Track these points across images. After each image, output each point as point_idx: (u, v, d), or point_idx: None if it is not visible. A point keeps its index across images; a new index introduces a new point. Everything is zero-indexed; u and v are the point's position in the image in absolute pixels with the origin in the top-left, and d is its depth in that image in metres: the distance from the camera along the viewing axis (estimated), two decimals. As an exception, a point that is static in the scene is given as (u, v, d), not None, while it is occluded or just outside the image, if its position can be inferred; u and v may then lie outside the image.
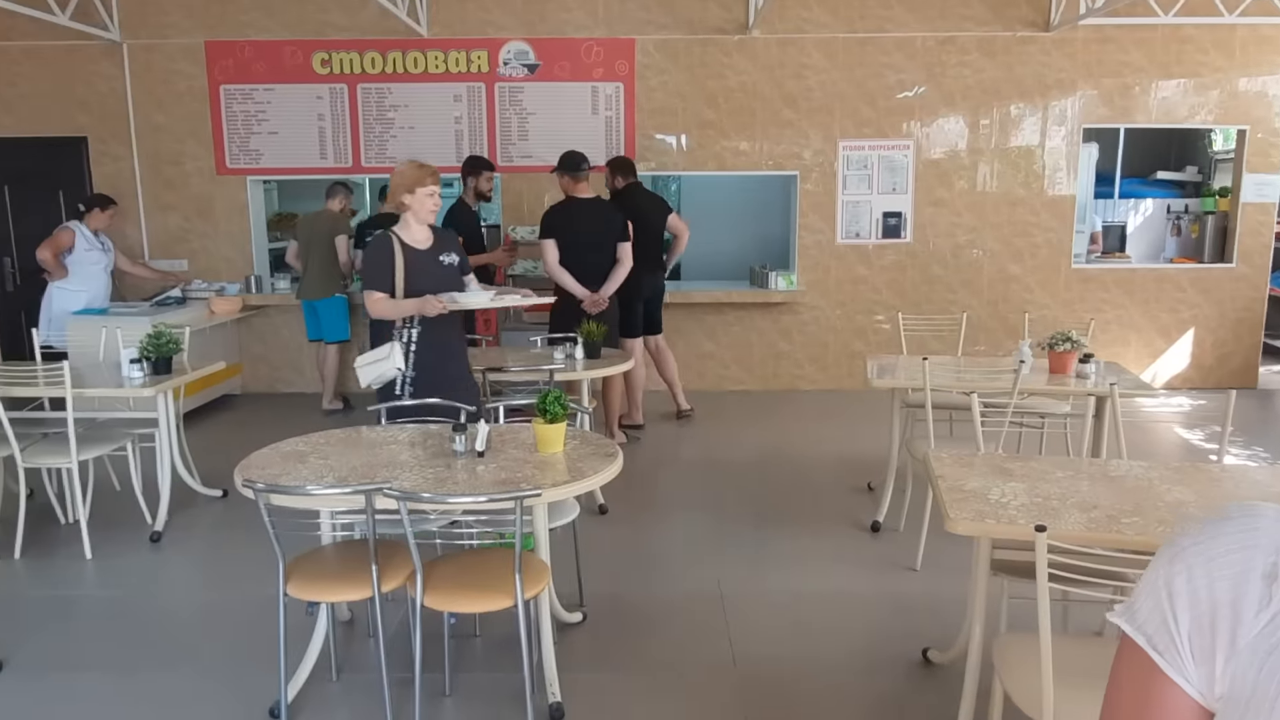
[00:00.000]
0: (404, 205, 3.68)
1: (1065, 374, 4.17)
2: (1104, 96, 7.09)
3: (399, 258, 3.64)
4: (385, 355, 3.61)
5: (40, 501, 4.64)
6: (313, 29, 7.02)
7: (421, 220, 3.71)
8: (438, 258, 3.76)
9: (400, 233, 3.69)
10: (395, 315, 3.66)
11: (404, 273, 3.63)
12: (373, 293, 3.65)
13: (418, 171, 3.66)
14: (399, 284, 3.64)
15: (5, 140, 7.18)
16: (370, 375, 3.67)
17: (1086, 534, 2.29)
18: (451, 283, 3.77)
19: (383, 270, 3.63)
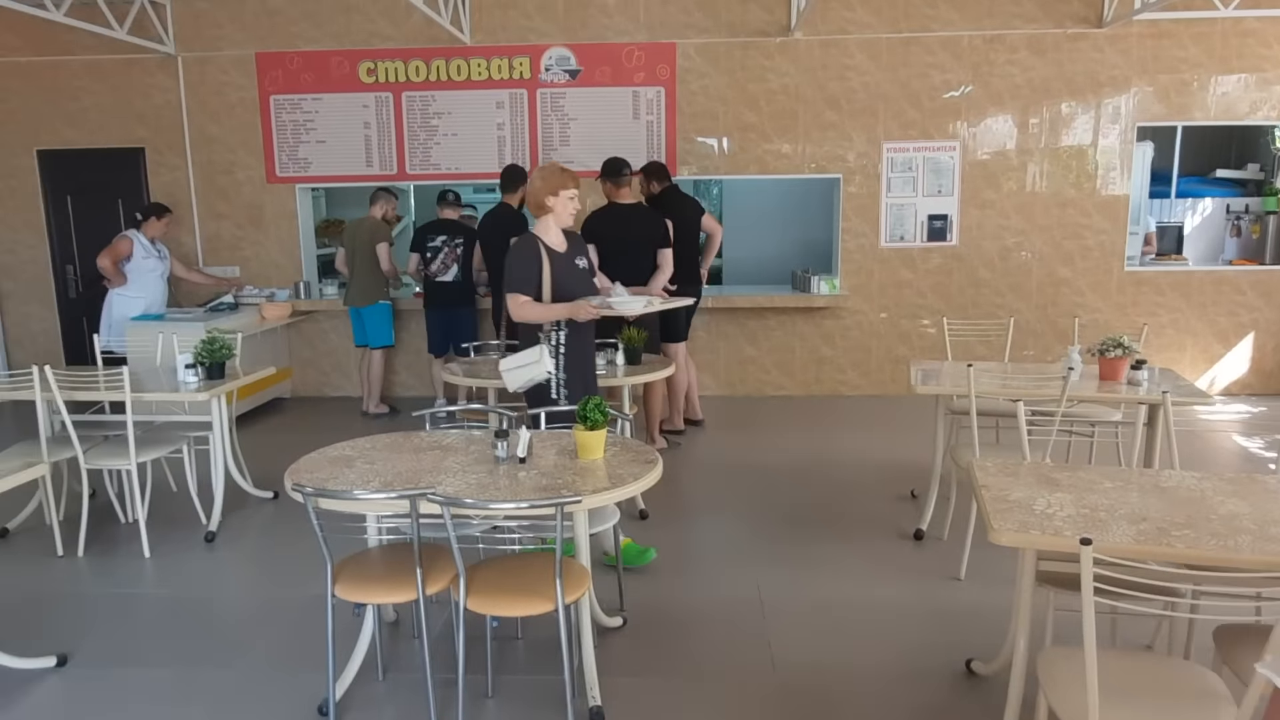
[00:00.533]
0: (545, 208, 3.66)
1: (1116, 381, 4.08)
2: (1160, 93, 6.90)
3: (545, 261, 3.62)
4: (535, 359, 3.57)
5: (101, 501, 4.82)
6: (359, 39, 7.17)
7: (561, 223, 3.71)
8: (574, 260, 3.76)
9: (541, 235, 3.67)
10: (543, 319, 3.64)
11: (550, 276, 3.62)
12: (518, 295, 3.61)
13: (560, 175, 3.65)
14: (546, 287, 3.62)
15: (69, 152, 7.46)
16: (520, 379, 3.63)
17: (1135, 547, 2.25)
18: (587, 286, 3.77)
19: (530, 273, 3.60)
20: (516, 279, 3.62)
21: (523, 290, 3.61)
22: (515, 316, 3.66)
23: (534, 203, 3.70)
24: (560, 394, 3.68)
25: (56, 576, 4.11)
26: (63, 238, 7.63)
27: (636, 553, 3.96)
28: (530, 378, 3.60)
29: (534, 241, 3.65)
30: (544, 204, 3.65)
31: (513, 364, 3.65)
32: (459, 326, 6.62)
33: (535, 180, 3.69)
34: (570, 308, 3.59)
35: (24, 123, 7.44)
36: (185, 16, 7.21)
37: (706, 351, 7.46)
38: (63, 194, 7.57)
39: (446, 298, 6.63)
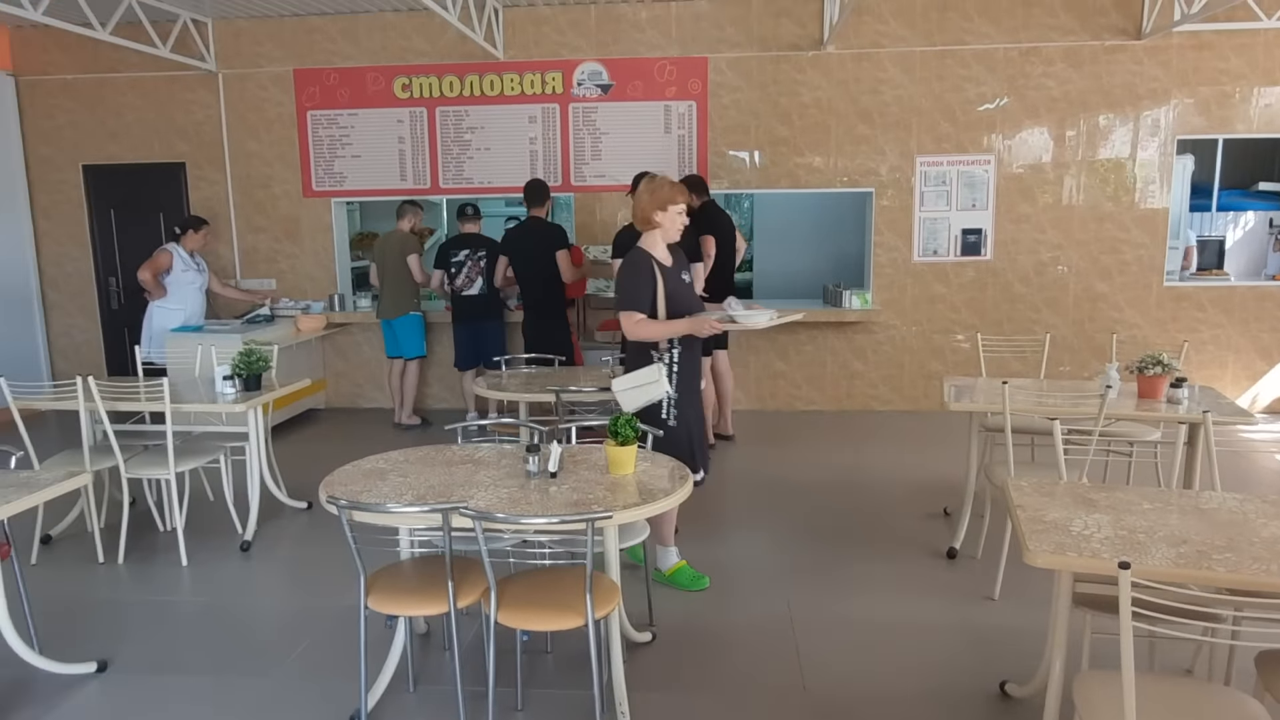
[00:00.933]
0: (654, 223, 3.57)
1: (1155, 399, 4.00)
2: (1200, 105, 6.79)
3: (659, 278, 3.54)
4: (654, 379, 3.46)
5: (141, 509, 4.92)
6: (395, 55, 7.28)
7: (669, 238, 3.62)
8: (680, 276, 3.68)
9: (650, 250, 3.60)
10: (662, 336, 3.54)
11: (663, 292, 3.53)
12: (633, 313, 3.51)
13: (670, 189, 3.57)
14: (660, 304, 3.53)
15: (113, 167, 7.66)
16: (638, 400, 3.50)
17: (1175, 570, 2.20)
18: (694, 301, 3.70)
19: (644, 290, 3.51)
20: (631, 296, 3.51)
21: (638, 308, 3.51)
22: (631, 335, 3.54)
23: (641, 218, 3.61)
24: (670, 414, 3.56)
25: (97, 583, 4.19)
26: (106, 251, 7.82)
27: (691, 577, 3.94)
28: (650, 398, 3.48)
29: (645, 257, 3.56)
30: (652, 219, 3.57)
31: (628, 384, 3.52)
32: (487, 340, 6.66)
33: (643, 195, 3.61)
34: (692, 323, 3.48)
35: (71, 139, 7.65)
36: (226, 34, 7.39)
37: (737, 365, 7.43)
38: (106, 208, 7.77)
39: (473, 311, 6.68)
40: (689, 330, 3.51)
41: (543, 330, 6.03)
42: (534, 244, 6.05)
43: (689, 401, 3.65)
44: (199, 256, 6.86)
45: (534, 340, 5.95)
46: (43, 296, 7.91)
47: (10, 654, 3.13)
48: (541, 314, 6.09)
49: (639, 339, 3.57)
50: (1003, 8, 6.79)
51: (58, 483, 3.11)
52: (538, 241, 6.03)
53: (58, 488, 3.10)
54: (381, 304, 6.95)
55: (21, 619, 3.32)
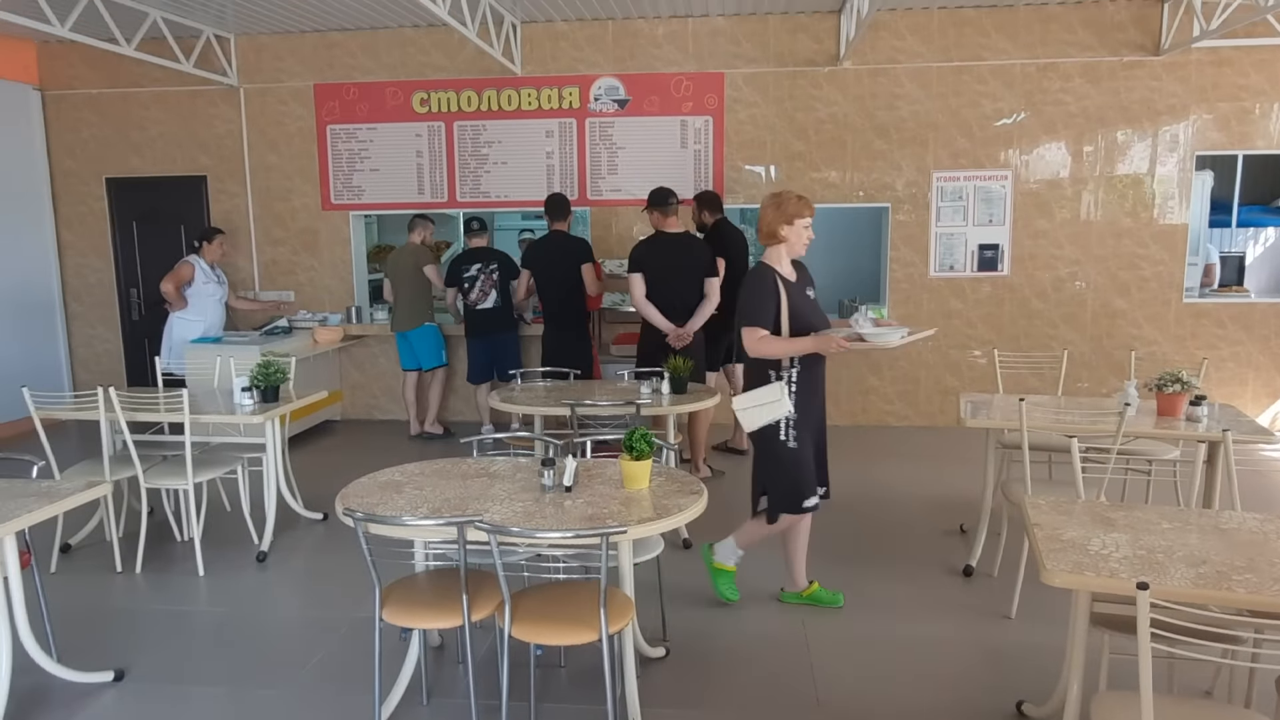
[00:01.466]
0: (779, 238, 3.50)
1: (1175, 417, 3.97)
2: (1220, 121, 6.76)
3: (783, 292, 3.47)
4: (776, 398, 3.41)
5: (159, 519, 4.96)
6: (414, 70, 7.36)
7: (794, 253, 3.56)
8: (805, 291, 3.59)
9: (775, 265, 3.53)
10: (786, 354, 3.46)
11: (787, 309, 3.45)
12: (756, 329, 3.43)
13: (797, 203, 3.50)
14: (784, 320, 3.45)
15: (136, 180, 7.77)
16: (760, 419, 3.46)
17: (1194, 591, 2.18)
18: (820, 317, 3.59)
19: (768, 306, 3.44)
20: (754, 312, 3.44)
21: (760, 324, 3.43)
22: (753, 352, 3.46)
23: (766, 232, 3.54)
24: (789, 434, 3.50)
25: (115, 592, 4.23)
26: (128, 262, 7.92)
27: (828, 597, 3.89)
28: (771, 417, 3.43)
29: (769, 273, 3.48)
30: (777, 233, 3.51)
31: (749, 402, 3.46)
32: (503, 353, 6.68)
33: (768, 209, 3.53)
34: (817, 341, 3.37)
35: (95, 152, 7.77)
36: (248, 50, 7.49)
37: (751, 379, 7.43)
38: (129, 220, 7.88)
39: (488, 325, 6.69)
40: (814, 348, 3.40)
41: (564, 342, 6.03)
42: (558, 257, 6.05)
43: (808, 422, 3.55)
44: (219, 269, 6.94)
45: (554, 353, 5.94)
46: (65, 307, 8.01)
47: (29, 662, 3.16)
48: (563, 326, 6.09)
49: (761, 356, 3.47)
50: (1020, 24, 6.79)
51: (78, 493, 3.14)
52: (562, 255, 6.04)
53: (78, 497, 3.13)
54: (396, 317, 7.00)
55: (40, 627, 3.35)
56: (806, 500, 3.62)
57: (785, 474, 3.58)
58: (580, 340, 6.13)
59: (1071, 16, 6.74)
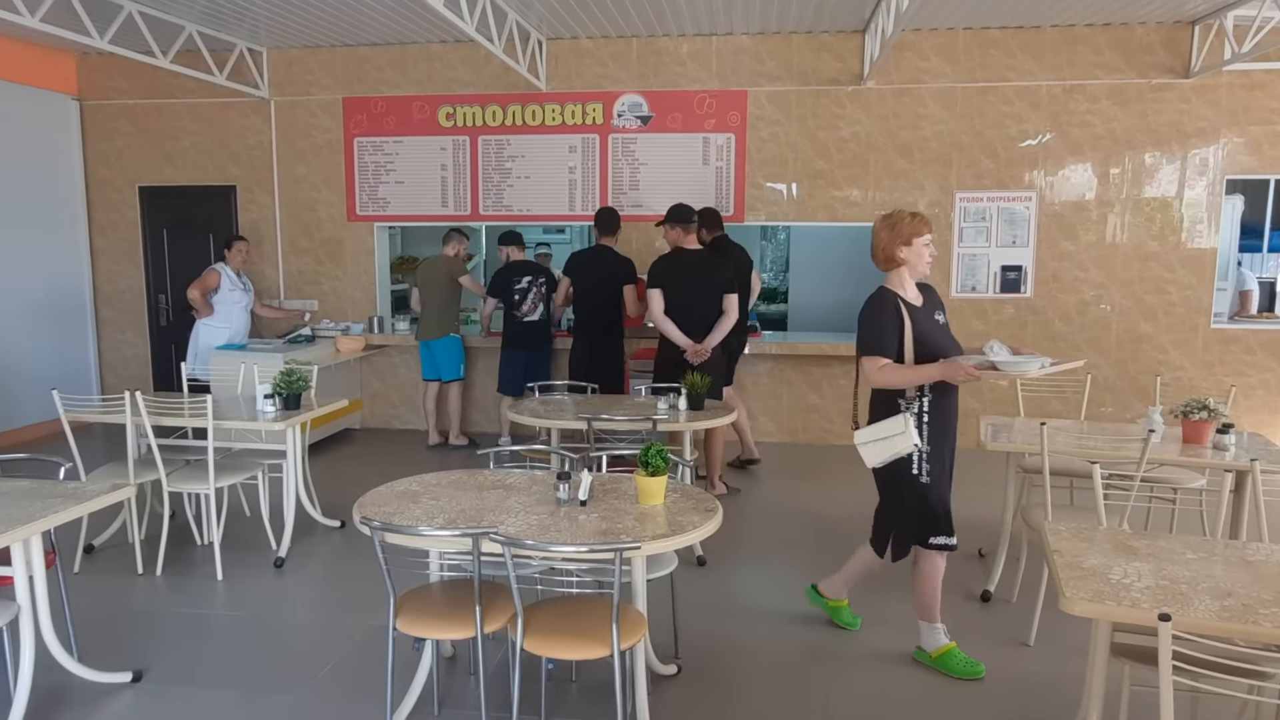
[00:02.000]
0: (896, 260, 3.30)
1: (1201, 444, 3.91)
2: (1251, 145, 6.69)
3: (906, 318, 3.27)
4: (900, 430, 3.18)
5: (180, 523, 5.01)
6: (440, 85, 7.45)
7: (916, 275, 3.37)
8: (932, 316, 3.37)
9: (896, 290, 3.33)
10: (910, 383, 3.24)
11: (911, 335, 3.25)
12: (877, 358, 3.23)
13: (912, 222, 3.31)
14: (907, 348, 3.25)
15: (167, 189, 7.91)
16: (882, 454, 3.25)
17: (1219, 624, 2.14)
18: (950, 343, 3.37)
19: (890, 332, 3.24)
20: (874, 340, 3.24)
21: (881, 352, 3.22)
22: (874, 381, 3.27)
23: (883, 256, 3.34)
24: (923, 469, 3.30)
25: (136, 593, 4.28)
26: (157, 269, 8.06)
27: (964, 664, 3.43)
28: (894, 452, 3.21)
29: (890, 297, 3.29)
30: (895, 256, 3.30)
31: (871, 436, 3.26)
32: (540, 366, 6.69)
33: (882, 231, 3.33)
34: (944, 368, 3.15)
35: (129, 161, 7.93)
36: (280, 63, 7.62)
37: (769, 398, 7.41)
38: (160, 228, 8.01)
39: (531, 338, 6.71)
40: (941, 375, 3.17)
41: (597, 355, 6.04)
42: (602, 272, 6.06)
43: (941, 455, 3.33)
44: (245, 276, 7.03)
45: (587, 365, 5.94)
46: (96, 312, 8.15)
47: (51, 660, 3.20)
48: (596, 339, 6.09)
49: (883, 386, 3.27)
50: (1046, 45, 6.77)
51: (103, 495, 3.19)
52: (607, 270, 6.05)
53: (103, 499, 3.18)
54: (422, 326, 7.05)
55: (63, 626, 3.39)
56: (936, 536, 3.36)
57: (915, 511, 3.35)
58: (614, 355, 6.15)
59: (1099, 38, 6.71)
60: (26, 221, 7.45)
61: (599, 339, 6.09)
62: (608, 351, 6.11)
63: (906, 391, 3.27)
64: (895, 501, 3.42)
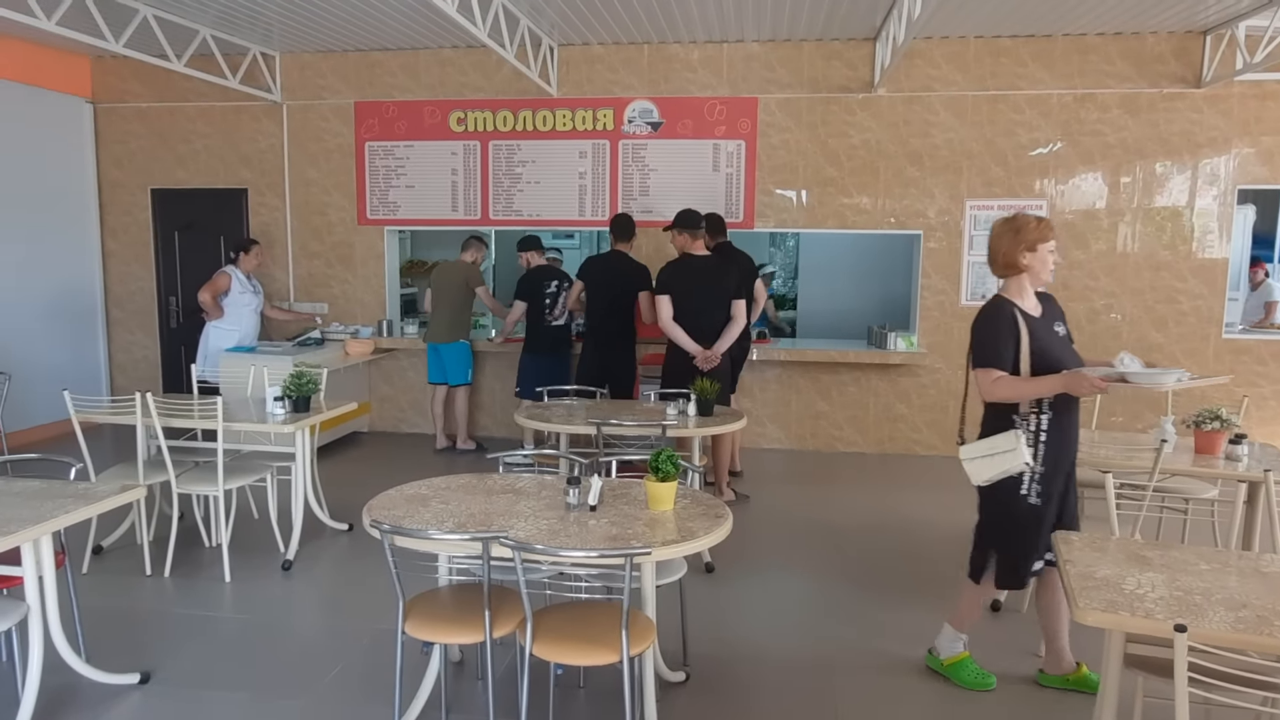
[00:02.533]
0: (1017, 267, 3.12)
1: (1213, 455, 3.89)
2: (1263, 155, 6.66)
3: (1023, 329, 3.09)
4: (1010, 447, 3.02)
5: (189, 524, 5.02)
6: (452, 90, 7.48)
7: (1037, 283, 3.18)
8: (1052, 327, 3.19)
9: (1013, 299, 3.15)
10: (1027, 396, 3.07)
11: (1029, 347, 3.07)
12: (991, 370, 3.06)
13: (1038, 227, 3.12)
14: (1024, 360, 3.07)
15: (179, 191, 7.95)
16: (989, 470, 3.09)
17: (1233, 635, 2.12)
18: (1071, 356, 3.16)
19: (1005, 344, 3.07)
20: (988, 351, 3.08)
21: (995, 364, 3.06)
22: (988, 395, 3.12)
23: (1003, 262, 3.16)
24: (1033, 489, 3.10)
25: (144, 594, 4.28)
26: (168, 271, 8.09)
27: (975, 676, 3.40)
28: (1003, 470, 3.04)
29: (1006, 307, 3.12)
30: (1016, 262, 3.12)
31: (978, 452, 3.12)
32: (563, 370, 6.66)
33: (1003, 235, 3.15)
34: (1067, 379, 2.96)
35: (141, 163, 7.97)
36: (292, 67, 7.66)
37: (777, 404, 7.40)
38: (171, 230, 8.05)
39: (560, 343, 6.70)
40: (1063, 388, 2.98)
41: (609, 361, 6.03)
42: (616, 278, 6.05)
43: (1056, 477, 3.12)
44: (255, 279, 7.06)
45: (598, 370, 5.94)
46: (107, 313, 8.19)
47: (59, 661, 3.20)
48: (611, 346, 6.08)
49: (996, 399, 3.11)
50: (1058, 54, 6.76)
51: (113, 495, 3.19)
52: (621, 276, 6.04)
53: (113, 500, 3.19)
54: (432, 328, 7.04)
55: (71, 627, 3.39)
56: (1026, 563, 3.21)
57: (1021, 535, 3.16)
58: (626, 361, 6.14)
59: (1110, 47, 6.70)
60: (39, 222, 7.49)
61: (610, 344, 6.08)
62: (619, 357, 6.10)
63: (1020, 406, 3.10)
64: (996, 522, 3.23)
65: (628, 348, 6.17)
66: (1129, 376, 2.99)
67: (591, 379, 5.74)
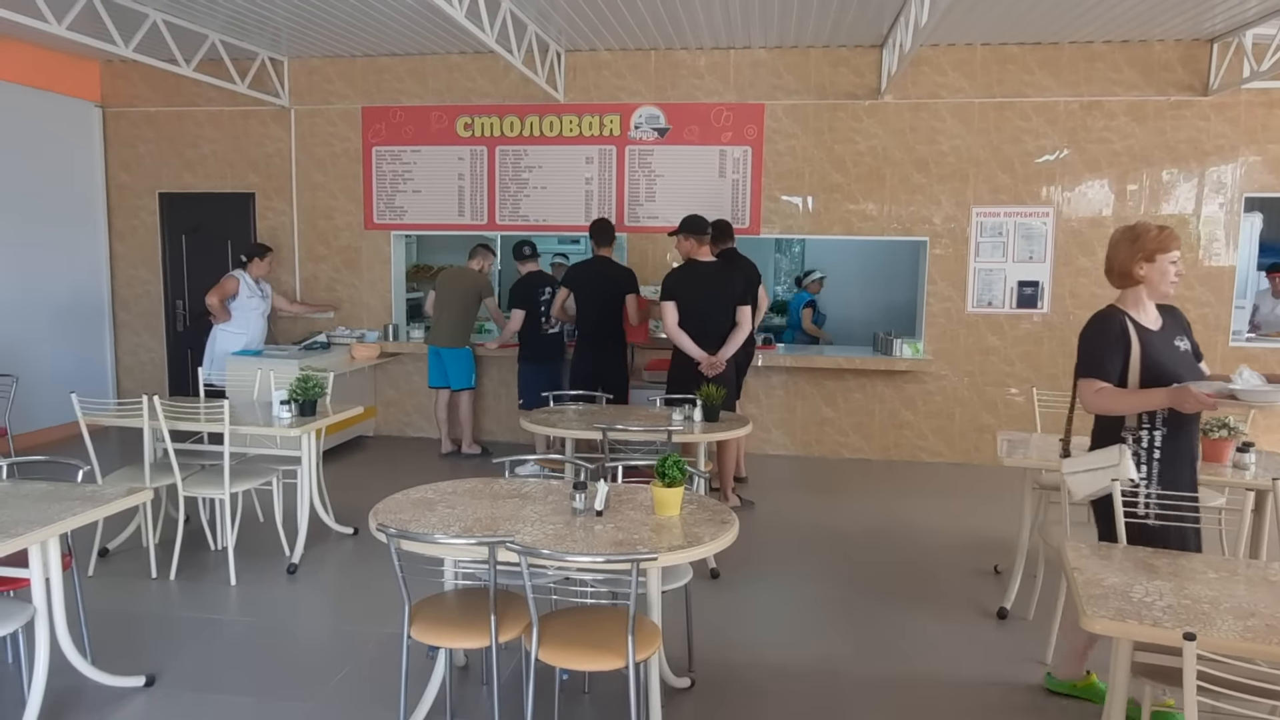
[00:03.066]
0: (1135, 278, 3.00)
1: (1220, 463, 3.87)
2: (1270, 163, 6.65)
3: (1135, 341, 2.97)
4: (1113, 462, 2.91)
5: (194, 527, 5.03)
6: (459, 95, 7.51)
7: (1158, 296, 3.04)
8: (1172, 341, 3.04)
9: (1128, 310, 3.03)
10: (1130, 410, 2.95)
11: (1139, 360, 2.95)
12: (1094, 381, 2.95)
13: (1159, 236, 2.98)
14: (1133, 373, 2.95)
15: (187, 195, 7.98)
16: (1089, 485, 2.99)
17: (1242, 644, 2.11)
18: (1186, 372, 2.98)
19: (1112, 355, 2.95)
20: (1091, 361, 2.97)
21: (1100, 375, 2.95)
22: (1089, 407, 3.00)
23: (1119, 272, 3.04)
24: (1150, 511, 2.96)
25: (150, 597, 4.29)
26: (175, 274, 8.12)
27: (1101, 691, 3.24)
28: (1103, 485, 2.94)
29: (1116, 317, 3.00)
30: (1132, 273, 3.00)
31: (1080, 466, 3.02)
32: (557, 377, 6.66)
33: (1121, 245, 3.03)
34: (1173, 394, 2.81)
35: (149, 167, 8.01)
36: (300, 72, 7.69)
37: (782, 410, 7.39)
38: (179, 234, 8.09)
39: (554, 350, 6.70)
40: (1168, 403, 2.83)
41: (601, 364, 6.05)
42: (602, 283, 6.07)
43: (1174, 498, 2.96)
44: (264, 282, 7.08)
45: (590, 375, 5.95)
46: (114, 316, 8.22)
47: (64, 663, 3.20)
48: (603, 350, 6.10)
49: (1098, 411, 3.01)
50: (1064, 62, 6.76)
51: (120, 498, 3.20)
52: (607, 281, 6.06)
53: (119, 503, 3.19)
54: (435, 332, 7.06)
55: (77, 629, 3.40)
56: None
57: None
58: (618, 364, 6.15)
59: (1117, 55, 6.70)
60: (48, 226, 7.53)
61: (602, 348, 6.11)
62: (611, 361, 6.13)
63: (1128, 421, 2.99)
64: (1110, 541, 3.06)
65: (619, 351, 6.20)
66: (1239, 394, 2.84)
67: (584, 384, 5.77)
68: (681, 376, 5.35)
